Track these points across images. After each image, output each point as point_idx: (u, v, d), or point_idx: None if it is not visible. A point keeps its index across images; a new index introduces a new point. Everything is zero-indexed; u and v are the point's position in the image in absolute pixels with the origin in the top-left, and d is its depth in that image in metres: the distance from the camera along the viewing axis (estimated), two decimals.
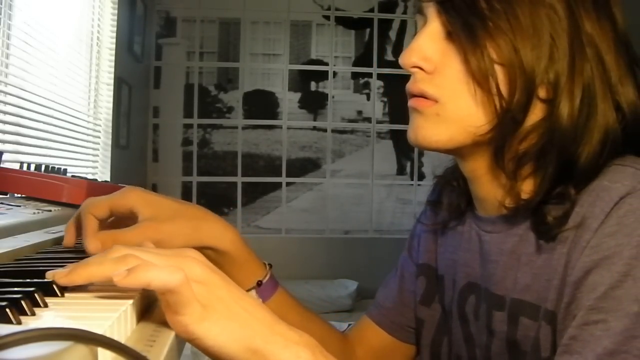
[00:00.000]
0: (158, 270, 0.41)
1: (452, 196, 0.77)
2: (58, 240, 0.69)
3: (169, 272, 0.41)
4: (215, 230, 0.70)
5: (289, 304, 0.78)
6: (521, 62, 0.58)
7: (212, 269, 0.46)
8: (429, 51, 0.61)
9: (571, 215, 0.58)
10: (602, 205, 0.56)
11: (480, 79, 0.58)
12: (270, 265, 0.77)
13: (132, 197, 0.66)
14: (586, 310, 0.54)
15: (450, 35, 0.61)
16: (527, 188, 0.63)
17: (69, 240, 0.65)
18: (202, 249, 0.68)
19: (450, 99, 0.61)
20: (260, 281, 0.75)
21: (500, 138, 0.61)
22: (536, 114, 0.60)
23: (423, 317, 0.81)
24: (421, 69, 0.62)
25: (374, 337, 0.86)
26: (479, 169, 0.66)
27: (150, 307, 0.47)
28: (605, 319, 0.53)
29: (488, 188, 0.67)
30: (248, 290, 0.74)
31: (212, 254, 0.70)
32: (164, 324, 0.43)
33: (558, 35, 0.59)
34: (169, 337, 0.41)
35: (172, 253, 0.46)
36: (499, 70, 0.58)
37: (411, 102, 0.64)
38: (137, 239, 0.61)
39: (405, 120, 0.67)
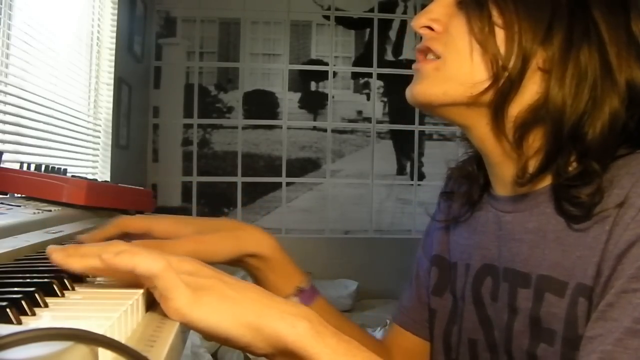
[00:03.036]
0: (143, 257, 0.44)
1: (463, 187, 0.79)
2: (58, 240, 0.69)
3: (152, 259, 0.44)
4: (255, 237, 0.73)
5: (328, 311, 0.79)
6: (520, 27, 0.62)
7: (203, 263, 0.49)
8: (439, 14, 0.67)
9: (611, 196, 0.59)
10: None
11: (482, 38, 0.63)
12: (310, 274, 0.80)
13: (171, 219, 0.71)
14: (626, 278, 0.55)
15: (459, 4, 0.66)
16: (535, 163, 0.65)
17: (92, 238, 0.65)
18: (244, 257, 0.72)
19: (452, 55, 0.65)
20: (301, 288, 0.77)
21: (498, 99, 0.64)
22: (536, 82, 0.63)
23: (435, 307, 0.82)
24: (430, 29, 0.67)
25: (404, 341, 0.87)
26: (486, 140, 0.68)
27: (150, 307, 0.47)
28: None
29: (501, 162, 0.69)
30: (288, 297, 0.75)
31: (254, 261, 0.73)
32: (164, 323, 0.43)
33: (560, 9, 0.62)
34: (169, 337, 0.41)
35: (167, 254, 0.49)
36: (499, 32, 0.63)
37: (414, 65, 0.68)
38: (182, 248, 0.64)
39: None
